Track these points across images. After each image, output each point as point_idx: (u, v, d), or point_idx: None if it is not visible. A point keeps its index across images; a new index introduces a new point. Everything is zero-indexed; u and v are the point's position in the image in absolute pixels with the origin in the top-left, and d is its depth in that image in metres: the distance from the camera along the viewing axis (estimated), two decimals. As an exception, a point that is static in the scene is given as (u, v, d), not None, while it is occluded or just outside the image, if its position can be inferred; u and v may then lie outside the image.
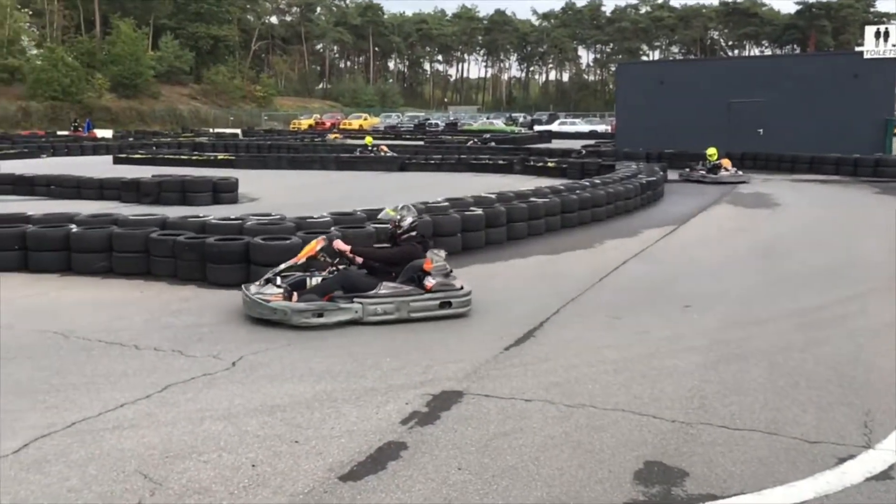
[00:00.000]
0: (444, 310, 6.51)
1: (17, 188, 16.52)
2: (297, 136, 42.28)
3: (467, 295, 6.64)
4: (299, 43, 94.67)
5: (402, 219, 6.93)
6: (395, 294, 6.46)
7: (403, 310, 6.44)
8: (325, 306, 6.33)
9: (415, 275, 6.59)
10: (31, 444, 3.92)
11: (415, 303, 6.47)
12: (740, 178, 19.55)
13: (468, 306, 6.66)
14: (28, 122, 46.54)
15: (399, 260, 6.72)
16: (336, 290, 6.44)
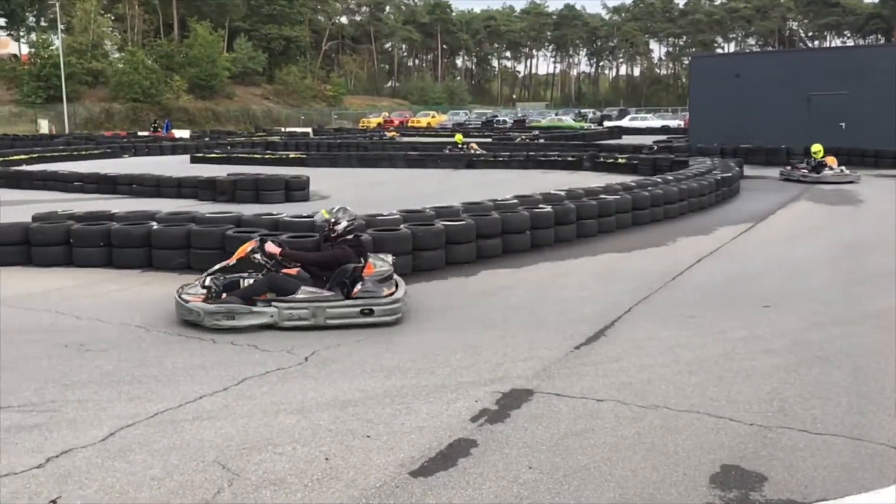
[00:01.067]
0: (366, 318, 6.19)
1: (101, 187, 17.22)
2: (366, 134, 42.78)
3: (393, 303, 6.26)
4: (368, 42, 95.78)
5: (337, 221, 6.67)
6: (311, 299, 6.21)
7: (320, 316, 6.18)
8: (235, 309, 6.17)
9: (346, 279, 6.33)
10: (117, 433, 4.08)
11: (332, 309, 6.19)
12: (846, 177, 17.53)
13: (395, 315, 6.26)
14: (111, 123, 48.48)
15: (326, 264, 6.47)
16: (264, 293, 6.29)
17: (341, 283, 6.32)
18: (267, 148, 30.59)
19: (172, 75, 54.96)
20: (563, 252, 9.56)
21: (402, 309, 6.36)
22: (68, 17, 53.36)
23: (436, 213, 9.71)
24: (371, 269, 6.58)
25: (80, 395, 4.67)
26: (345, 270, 6.37)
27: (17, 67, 49.20)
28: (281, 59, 70.87)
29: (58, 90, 45.48)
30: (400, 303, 6.32)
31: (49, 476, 3.59)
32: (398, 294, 6.38)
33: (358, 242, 6.76)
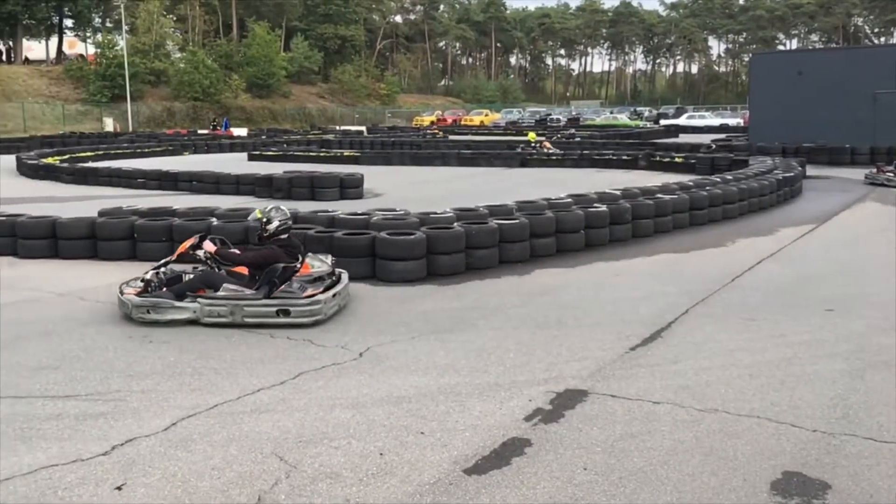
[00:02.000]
0: (282, 318, 6.15)
1: (163, 183, 17.67)
2: (420, 132, 42.96)
3: (312, 305, 6.20)
4: (422, 41, 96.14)
5: (269, 221, 6.61)
6: (230, 297, 6.23)
7: (238, 314, 6.17)
8: (158, 303, 6.25)
9: (275, 279, 6.33)
10: (179, 424, 4.19)
11: (249, 308, 6.17)
12: None
13: (315, 316, 6.18)
14: (172, 122, 49.73)
15: (256, 263, 6.46)
16: (200, 288, 6.35)
17: (270, 282, 6.34)
18: (322, 146, 30.98)
19: (231, 74, 56.06)
20: (618, 252, 9.44)
21: (324, 310, 6.26)
22: (132, 19, 54.92)
23: (489, 211, 9.70)
24: (308, 268, 6.66)
25: (144, 386, 4.81)
26: (274, 270, 6.37)
27: (83, 67, 50.79)
28: (336, 58, 71.66)
29: (122, 89, 46.84)
30: (320, 304, 6.24)
31: (114, 463, 3.70)
32: (321, 296, 6.30)
33: (289, 242, 6.66)
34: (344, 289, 6.76)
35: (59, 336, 5.98)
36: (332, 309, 6.43)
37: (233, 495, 3.39)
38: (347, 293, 6.92)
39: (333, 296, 6.47)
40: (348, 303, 6.88)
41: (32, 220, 9.52)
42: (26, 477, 3.55)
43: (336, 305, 6.52)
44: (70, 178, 19.33)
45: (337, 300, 6.53)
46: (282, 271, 6.40)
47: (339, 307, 6.59)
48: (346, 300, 6.81)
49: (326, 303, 6.33)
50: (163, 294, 6.38)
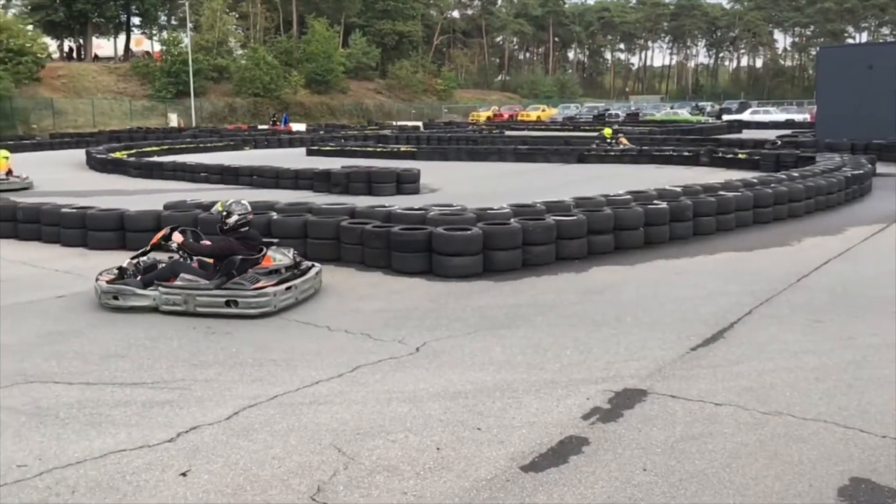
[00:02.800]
0: (231, 308, 6.35)
1: (225, 178, 18.06)
2: (476, 127, 42.91)
3: (259, 297, 6.36)
4: (479, 36, 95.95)
5: (229, 214, 6.87)
6: (185, 287, 6.47)
7: (191, 303, 6.41)
8: (122, 290, 6.56)
9: (233, 270, 6.60)
10: (240, 413, 4.28)
11: (201, 297, 6.40)
12: None
13: (262, 308, 6.35)
14: (233, 117, 50.75)
15: (215, 255, 6.74)
16: (170, 277, 6.60)
17: (228, 273, 6.61)
18: (379, 141, 31.21)
19: (291, 71, 56.90)
20: (679, 250, 9.27)
21: (272, 303, 6.42)
22: (196, 16, 56.18)
23: (546, 207, 9.63)
24: (269, 261, 6.91)
25: (207, 375, 4.93)
26: (232, 262, 6.65)
27: (149, 64, 52.23)
28: (394, 53, 72.07)
29: (186, 86, 48.02)
30: (267, 297, 6.40)
31: (179, 450, 3.80)
32: (270, 289, 6.45)
33: (247, 235, 6.92)
34: (305, 282, 6.93)
35: (126, 325, 6.17)
36: (285, 301, 6.59)
37: (292, 484, 3.44)
38: (313, 286, 7.10)
39: (287, 289, 6.62)
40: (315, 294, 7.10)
41: (102, 213, 9.84)
42: (97, 461, 3.67)
43: (292, 298, 6.68)
44: (136, 172, 19.91)
45: (293, 293, 6.69)
46: (240, 263, 6.68)
47: (295, 299, 6.73)
48: (307, 293, 6.95)
49: (276, 295, 6.49)
50: (131, 282, 6.66)
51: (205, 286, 6.49)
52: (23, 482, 3.46)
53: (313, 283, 7.13)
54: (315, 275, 7.20)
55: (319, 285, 7.32)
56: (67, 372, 5.00)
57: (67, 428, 4.07)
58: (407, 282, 7.72)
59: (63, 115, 43.58)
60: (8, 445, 3.85)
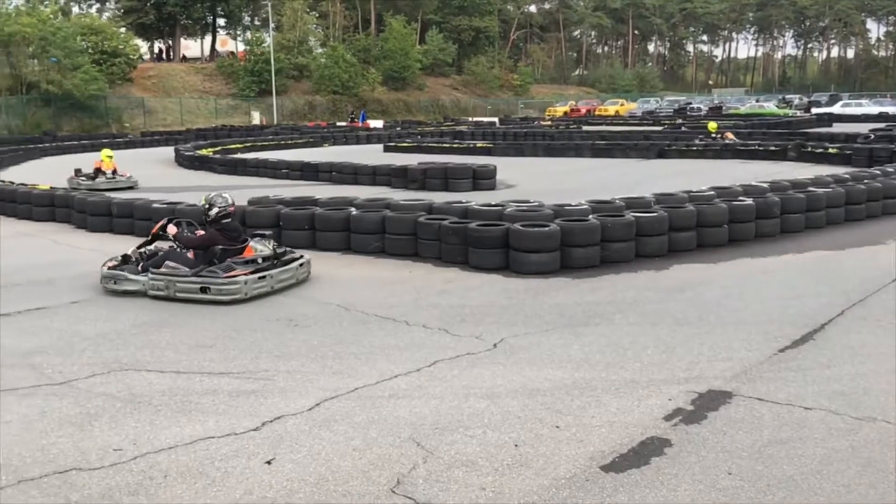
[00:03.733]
0: (205, 294, 6.80)
1: (305, 174, 18.46)
2: (563, 122, 42.51)
3: (230, 284, 6.80)
4: (557, 30, 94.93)
5: (210, 207, 7.38)
6: (167, 273, 7.01)
7: (171, 288, 6.93)
8: (117, 276, 7.19)
9: (214, 259, 7.14)
10: (322, 405, 4.37)
11: (179, 283, 6.90)
12: None
13: (233, 295, 6.78)
14: (313, 114, 51.76)
15: (199, 245, 7.27)
16: (161, 265, 7.11)
17: (210, 261, 7.13)
18: (455, 137, 31.30)
19: (369, 68, 57.62)
20: (765, 248, 8.96)
21: (243, 290, 6.84)
22: (278, 16, 57.50)
23: (626, 204, 9.47)
24: (250, 251, 7.40)
25: (290, 367, 5.06)
26: (213, 251, 7.21)
27: (233, 64, 53.78)
28: (470, 49, 72.07)
29: (268, 84, 49.26)
30: (238, 285, 6.83)
31: (264, 439, 3.91)
32: (241, 277, 6.88)
33: (228, 227, 7.41)
34: (284, 272, 7.33)
35: (213, 316, 6.39)
36: (258, 290, 7.01)
37: (373, 476, 3.49)
38: (295, 276, 7.48)
39: (260, 278, 7.04)
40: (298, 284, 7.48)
41: (192, 208, 10.19)
42: (187, 447, 3.82)
43: (266, 287, 7.10)
44: (221, 169, 20.56)
45: (267, 282, 7.11)
46: (220, 252, 7.23)
47: (270, 288, 7.13)
48: (285, 283, 7.32)
49: (247, 283, 6.93)
50: (127, 268, 7.28)
51: (183, 273, 7.01)
52: (119, 465, 3.62)
53: (295, 274, 7.49)
54: (299, 266, 7.57)
55: (305, 276, 7.66)
56: (159, 361, 5.21)
57: (159, 414, 4.25)
58: (484, 278, 7.73)
59: (153, 114, 45.36)
60: (105, 430, 4.04)
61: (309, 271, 7.78)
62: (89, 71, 39.79)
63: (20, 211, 12.60)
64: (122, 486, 3.41)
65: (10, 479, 3.49)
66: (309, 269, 7.79)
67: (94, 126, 40.25)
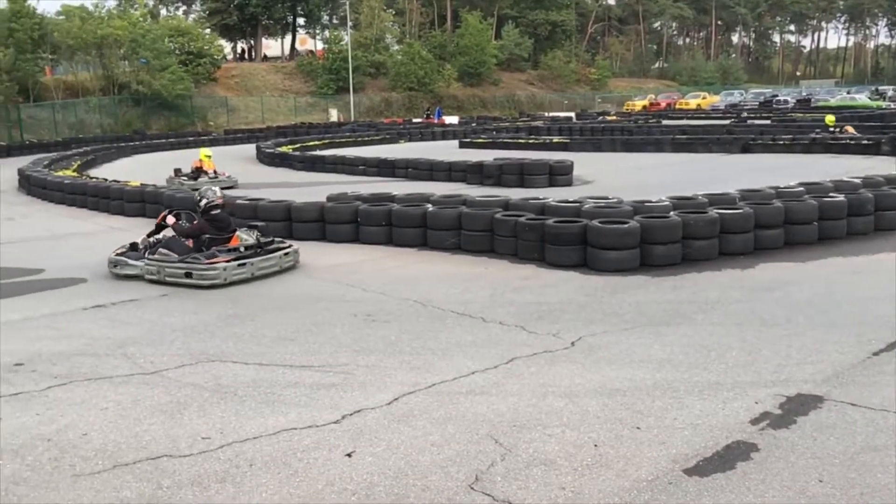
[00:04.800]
0: (189, 279, 7.42)
1: (381, 170, 18.69)
2: (630, 117, 41.75)
3: (209, 270, 7.41)
4: (636, 22, 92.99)
5: (200, 199, 8.11)
6: (159, 259, 7.69)
7: (162, 273, 7.60)
8: (119, 261, 7.92)
9: (202, 247, 7.79)
10: (400, 399, 4.42)
11: (168, 269, 7.57)
12: None
13: (212, 280, 7.38)
14: (389, 111, 52.33)
15: (191, 234, 7.95)
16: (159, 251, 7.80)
17: (199, 249, 7.78)
18: (530, 133, 31.10)
19: (444, 64, 57.83)
20: (857, 246, 8.57)
21: (222, 276, 7.44)
22: (356, 15, 58.35)
23: (709, 200, 9.22)
24: (236, 240, 8.02)
25: (368, 361, 5.13)
26: (202, 240, 7.88)
27: (312, 62, 54.84)
28: (546, 44, 71.40)
29: (346, 82, 50.04)
30: (216, 271, 7.44)
31: (344, 431, 3.98)
32: (220, 264, 7.48)
33: (217, 217, 8.06)
34: (265, 261, 7.89)
35: (294, 310, 6.54)
36: (237, 276, 7.60)
37: (451, 472, 3.51)
38: (279, 264, 8.02)
39: (240, 265, 7.64)
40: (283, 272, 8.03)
41: (272, 204, 10.47)
42: (271, 437, 3.92)
43: (246, 273, 7.67)
44: (300, 165, 21.02)
45: (247, 269, 7.69)
46: (208, 241, 7.89)
47: (251, 275, 7.70)
48: (267, 270, 7.85)
49: (226, 269, 7.52)
50: (129, 255, 7.96)
51: (172, 259, 7.67)
52: (207, 453, 3.75)
53: (279, 262, 8.05)
54: (283, 255, 8.13)
55: (290, 264, 8.20)
56: (243, 353, 5.37)
57: (244, 405, 4.38)
58: (561, 275, 7.66)
59: (236, 112, 46.71)
60: (194, 418, 4.19)
61: (297, 260, 8.32)
62: (176, 71, 41.27)
63: (113, 207, 13.20)
64: (211, 474, 3.53)
65: (107, 463, 3.66)
66: (296, 259, 8.33)
67: (180, 125, 41.76)
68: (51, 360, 5.24)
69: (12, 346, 5.60)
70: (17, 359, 5.29)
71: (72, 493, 3.37)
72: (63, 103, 37.95)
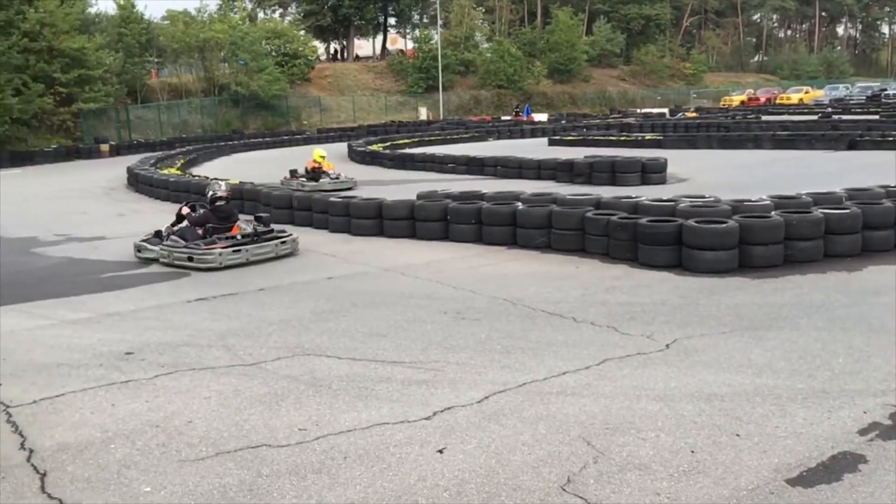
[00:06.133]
0: (190, 262, 8.49)
1: (470, 168, 18.71)
2: (728, 113, 40.38)
3: (206, 255, 8.45)
4: (734, 15, 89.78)
5: (207, 191, 9.41)
6: (169, 245, 8.78)
7: (171, 257, 8.69)
8: (141, 246, 9.17)
9: (207, 235, 8.84)
10: (491, 398, 4.42)
11: (175, 253, 8.64)
12: None
13: (208, 263, 8.40)
14: (478, 109, 52.40)
15: (194, 223, 9.00)
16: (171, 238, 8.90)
17: (205, 236, 8.83)
18: (622, 130, 30.52)
19: (534, 61, 57.44)
20: (976, 249, 8.03)
21: (218, 260, 8.43)
22: (446, 13, 58.69)
23: (813, 199, 8.82)
24: (237, 229, 9.05)
25: (459, 359, 5.15)
26: (208, 228, 8.95)
27: (402, 61, 55.51)
28: (639, 38, 69.85)
29: (435, 80, 50.41)
30: (212, 255, 8.45)
31: (435, 428, 4.02)
32: (216, 249, 8.52)
33: (221, 209, 9.12)
34: (260, 248, 8.86)
35: (385, 307, 6.64)
36: (232, 260, 8.57)
37: (543, 473, 3.49)
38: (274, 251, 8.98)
39: (235, 251, 8.63)
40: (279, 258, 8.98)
41: (363, 202, 10.66)
42: (364, 431, 4.00)
43: (240, 258, 8.65)
44: (391, 164, 21.31)
45: (242, 255, 8.67)
46: (211, 230, 8.90)
47: (246, 260, 8.68)
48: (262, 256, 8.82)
49: (222, 255, 8.52)
50: (150, 241, 9.11)
51: (179, 245, 8.73)
52: (304, 444, 3.86)
53: (274, 249, 9.00)
54: (280, 243, 9.07)
55: (287, 251, 9.11)
56: (337, 347, 5.49)
57: (338, 398, 4.48)
58: (654, 275, 7.49)
59: (328, 112, 47.77)
60: (291, 410, 4.32)
61: (294, 248, 9.25)
62: (272, 72, 42.54)
63: (213, 203, 13.70)
64: (307, 465, 3.63)
65: (210, 451, 3.82)
66: (294, 246, 9.25)
67: (275, 124, 43.03)
68: (158, 350, 5.51)
69: (123, 336, 5.92)
70: (128, 347, 5.58)
71: (178, 478, 3.53)
72: (167, 104, 39.74)
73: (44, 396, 4.63)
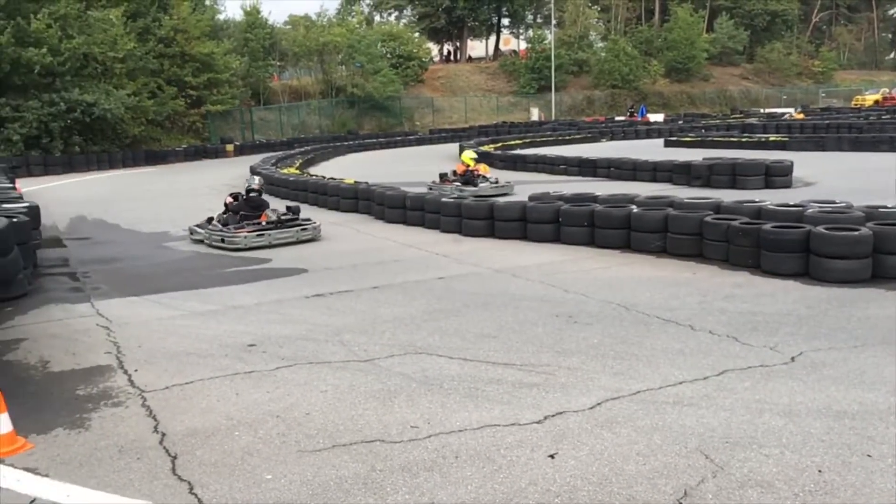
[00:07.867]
0: (223, 244, 10.10)
1: (583, 170, 18.48)
2: (860, 113, 38.00)
3: (233, 238, 10.09)
4: (868, 9, 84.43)
5: (246, 185, 11.06)
6: (210, 229, 10.49)
7: (209, 239, 10.39)
8: (192, 229, 10.91)
9: (241, 222, 10.44)
10: (603, 404, 4.34)
11: (212, 235, 10.36)
12: None
13: (234, 245, 10.01)
14: (591, 110, 51.63)
15: (231, 211, 10.71)
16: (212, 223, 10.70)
17: (240, 225, 10.39)
18: (743, 131, 29.30)
19: (650, 60, 56.00)
20: None
21: (244, 243, 10.01)
22: (560, 13, 58.12)
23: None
24: (265, 217, 10.55)
25: (570, 363, 5.09)
26: (243, 215, 10.58)
27: (515, 62, 55.41)
28: (764, 35, 66.78)
29: (548, 80, 50.06)
30: (238, 238, 10.05)
31: (546, 432, 3.99)
32: (242, 233, 10.14)
33: (253, 199, 10.83)
34: (281, 232, 10.39)
35: (496, 308, 6.65)
36: (256, 243, 10.13)
37: (658, 484, 3.40)
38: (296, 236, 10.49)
39: (258, 235, 10.21)
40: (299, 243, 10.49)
41: (475, 203, 10.72)
42: (475, 432, 4.02)
43: (264, 241, 10.20)
44: (502, 164, 21.32)
45: (265, 238, 10.23)
46: (243, 217, 10.57)
47: (268, 243, 10.19)
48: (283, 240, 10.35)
49: (247, 238, 10.11)
50: (201, 225, 10.78)
51: (216, 230, 10.39)
52: (415, 441, 3.92)
53: (296, 234, 10.50)
54: (301, 230, 10.56)
55: (308, 236, 10.58)
56: (448, 347, 5.55)
57: (449, 398, 4.52)
58: (778, 284, 7.15)
59: (440, 112, 48.33)
60: (403, 407, 4.40)
61: (315, 235, 10.65)
62: (387, 74, 43.49)
63: (330, 202, 14.20)
64: (419, 462, 3.68)
65: (326, 443, 3.94)
66: (315, 233, 10.67)
67: (389, 125, 43.96)
68: (278, 343, 5.74)
69: (247, 328, 6.20)
70: (251, 340, 5.84)
71: (297, 468, 3.67)
72: (287, 106, 41.34)
73: (175, 383, 4.92)
